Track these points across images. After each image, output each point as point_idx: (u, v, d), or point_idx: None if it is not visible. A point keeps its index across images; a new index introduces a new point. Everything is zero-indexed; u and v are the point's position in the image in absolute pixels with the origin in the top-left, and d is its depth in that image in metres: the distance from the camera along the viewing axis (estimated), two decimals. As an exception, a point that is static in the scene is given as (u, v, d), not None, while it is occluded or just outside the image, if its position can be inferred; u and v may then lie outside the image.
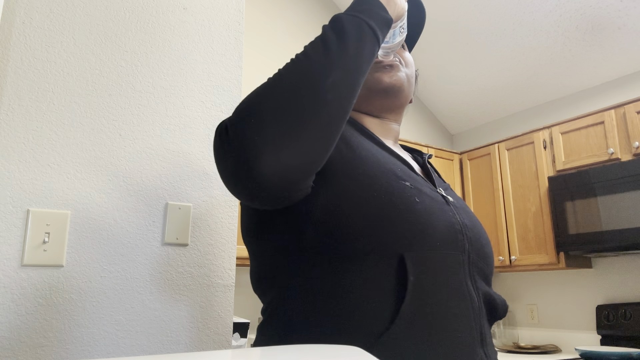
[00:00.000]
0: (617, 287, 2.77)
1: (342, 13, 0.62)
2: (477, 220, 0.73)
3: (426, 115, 3.82)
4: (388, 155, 0.69)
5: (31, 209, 0.93)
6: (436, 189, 0.70)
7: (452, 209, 0.68)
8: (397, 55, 0.79)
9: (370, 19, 0.61)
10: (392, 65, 0.77)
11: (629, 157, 2.52)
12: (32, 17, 1.00)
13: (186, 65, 1.18)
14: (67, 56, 1.02)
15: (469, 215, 0.71)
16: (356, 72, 0.57)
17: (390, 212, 0.59)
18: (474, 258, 0.66)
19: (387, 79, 0.76)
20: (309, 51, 0.56)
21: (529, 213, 2.91)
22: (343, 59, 0.56)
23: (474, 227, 0.70)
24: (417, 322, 0.57)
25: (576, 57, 2.96)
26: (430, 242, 0.60)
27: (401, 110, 0.83)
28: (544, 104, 3.35)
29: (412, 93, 0.84)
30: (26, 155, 0.95)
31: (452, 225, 0.65)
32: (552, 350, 2.79)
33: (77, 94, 1.02)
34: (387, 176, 0.63)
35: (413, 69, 0.83)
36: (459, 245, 0.64)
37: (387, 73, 0.76)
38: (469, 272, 0.65)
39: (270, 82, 0.55)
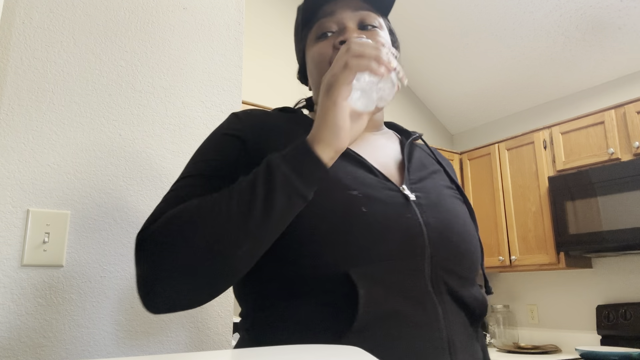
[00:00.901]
0: (617, 287, 2.77)
1: (282, 166, 0.54)
2: (453, 215, 0.68)
3: (426, 115, 3.82)
4: (340, 161, 0.64)
5: (31, 209, 0.93)
6: (398, 188, 0.66)
7: (414, 209, 0.64)
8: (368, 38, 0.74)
9: (307, 185, 0.55)
10: None
11: (629, 157, 2.52)
12: (32, 17, 0.99)
13: (186, 65, 1.18)
14: (67, 56, 1.02)
15: (439, 212, 0.66)
16: (272, 240, 0.56)
17: (333, 229, 0.58)
18: (439, 261, 0.62)
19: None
20: (233, 210, 0.54)
21: (529, 213, 2.91)
22: (263, 232, 0.54)
23: (443, 226, 0.65)
24: (370, 335, 0.55)
25: (576, 57, 2.96)
26: (380, 254, 0.58)
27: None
28: (544, 103, 3.35)
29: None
30: (26, 155, 0.95)
31: (409, 230, 0.61)
32: (552, 351, 2.79)
33: (77, 94, 1.02)
34: (332, 189, 0.60)
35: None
36: (417, 251, 0.61)
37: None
38: (432, 277, 0.62)
39: (187, 225, 0.55)
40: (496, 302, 3.35)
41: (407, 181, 0.69)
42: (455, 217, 0.68)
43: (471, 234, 0.69)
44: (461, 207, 0.72)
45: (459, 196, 0.75)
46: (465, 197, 0.76)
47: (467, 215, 0.72)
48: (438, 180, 0.74)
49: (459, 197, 0.75)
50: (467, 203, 0.76)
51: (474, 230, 0.71)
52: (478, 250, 0.70)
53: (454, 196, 0.73)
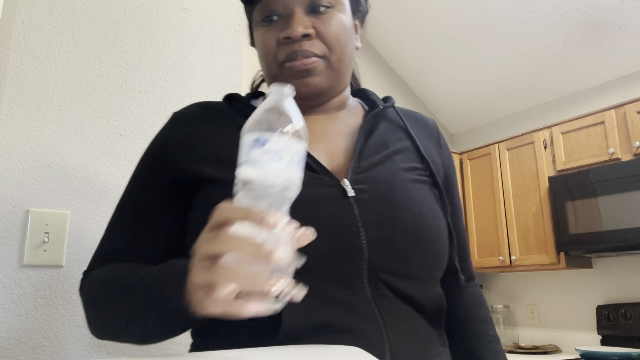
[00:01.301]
0: (617, 287, 2.76)
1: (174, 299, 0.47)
2: (404, 207, 0.60)
3: (426, 115, 3.82)
4: None
5: (31, 209, 0.93)
6: (338, 182, 0.60)
7: (351, 207, 0.58)
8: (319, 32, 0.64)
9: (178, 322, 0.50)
10: (307, 70, 0.64)
11: (630, 157, 2.52)
12: (31, 17, 0.99)
13: (186, 65, 1.18)
14: (66, 56, 1.02)
15: (384, 207, 0.60)
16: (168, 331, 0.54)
17: None
18: (380, 264, 0.57)
19: (303, 88, 0.64)
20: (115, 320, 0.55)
21: (529, 213, 2.91)
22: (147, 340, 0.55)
23: (386, 223, 0.58)
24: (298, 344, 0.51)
25: (576, 57, 2.96)
26: (306, 262, 0.49)
27: (339, 90, 0.70)
28: (544, 103, 3.35)
29: (352, 51, 0.70)
30: (26, 155, 0.94)
31: (342, 232, 0.56)
32: (552, 351, 2.79)
33: (77, 94, 1.02)
34: None
35: (341, 33, 0.66)
36: (352, 255, 0.55)
37: (301, 81, 0.64)
38: (372, 282, 0.56)
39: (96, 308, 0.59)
40: (496, 302, 3.35)
41: (353, 171, 0.62)
42: (407, 209, 0.61)
43: (428, 225, 0.61)
44: (421, 194, 0.64)
45: (424, 178, 0.67)
46: (435, 178, 0.68)
47: (428, 203, 0.64)
48: (398, 162, 0.66)
49: (423, 179, 0.67)
50: (436, 185, 0.68)
51: (434, 220, 0.63)
52: (440, 243, 0.63)
53: (416, 180, 0.66)
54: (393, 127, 0.73)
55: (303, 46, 0.63)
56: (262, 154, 0.42)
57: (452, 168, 0.79)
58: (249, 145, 0.42)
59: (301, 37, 0.63)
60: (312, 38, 0.64)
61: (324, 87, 0.66)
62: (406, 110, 0.80)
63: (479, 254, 3.15)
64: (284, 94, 0.45)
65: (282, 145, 0.42)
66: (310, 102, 0.68)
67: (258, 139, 0.42)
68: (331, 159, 0.65)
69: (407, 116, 0.77)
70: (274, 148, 0.42)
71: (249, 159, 0.42)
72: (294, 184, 0.44)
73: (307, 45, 0.63)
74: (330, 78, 0.66)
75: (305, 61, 0.63)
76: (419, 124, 0.77)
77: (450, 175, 0.77)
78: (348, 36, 0.68)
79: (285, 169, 0.42)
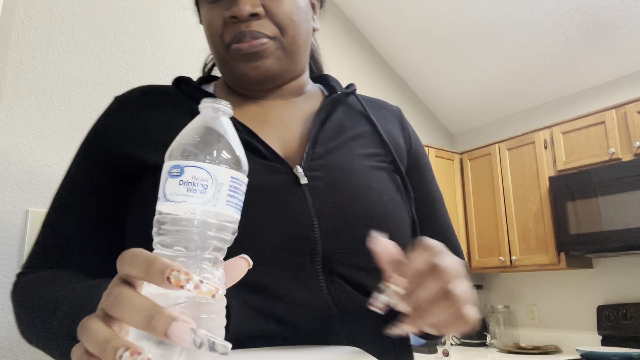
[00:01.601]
0: (618, 288, 2.76)
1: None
2: (361, 195, 0.57)
3: (426, 115, 3.82)
4: None
5: (31, 209, 0.93)
6: (291, 169, 0.56)
7: (304, 195, 0.54)
8: (268, 11, 0.59)
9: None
10: (256, 53, 0.59)
11: (630, 157, 2.52)
12: (31, 17, 0.99)
13: (186, 65, 1.17)
14: (66, 56, 1.02)
15: (340, 195, 0.56)
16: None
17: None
18: (336, 256, 0.53)
19: (252, 72, 0.60)
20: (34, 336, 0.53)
21: (529, 213, 2.91)
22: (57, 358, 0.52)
23: (342, 211, 0.55)
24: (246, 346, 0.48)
25: (577, 56, 2.96)
26: (254, 256, 0.45)
27: (294, 74, 0.66)
28: (545, 103, 3.35)
29: (308, 33, 0.65)
30: (26, 155, 0.94)
31: (294, 222, 0.52)
32: (552, 351, 2.79)
33: (77, 94, 1.02)
34: None
35: (294, 12, 0.61)
36: (304, 248, 0.52)
37: (250, 64, 0.60)
38: (327, 276, 0.53)
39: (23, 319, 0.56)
40: (496, 302, 3.35)
41: (307, 158, 0.58)
42: (364, 197, 0.57)
43: (387, 214, 0.58)
44: (380, 181, 0.60)
45: (385, 164, 0.63)
46: (397, 164, 0.64)
47: (388, 191, 0.60)
48: (356, 148, 0.62)
49: (383, 166, 0.63)
50: (399, 172, 0.64)
51: (395, 210, 0.59)
52: (400, 233, 0.58)
53: (375, 167, 0.62)
54: (352, 113, 0.68)
55: (251, 26, 0.58)
56: (179, 185, 0.33)
57: (421, 154, 0.73)
58: (165, 175, 0.34)
59: (249, 16, 0.58)
60: (262, 17, 0.59)
61: (276, 70, 0.61)
62: (369, 97, 0.75)
63: (479, 254, 3.15)
64: (217, 111, 0.37)
65: (207, 174, 0.34)
66: (262, 86, 0.64)
67: (176, 166, 0.34)
68: (284, 146, 0.60)
69: (368, 102, 0.72)
70: (195, 178, 0.33)
71: (165, 192, 0.34)
72: (225, 221, 0.35)
73: (255, 26, 0.58)
74: (282, 61, 0.62)
75: (254, 43, 0.58)
76: (381, 110, 0.72)
77: (420, 161, 0.72)
78: (303, 16, 0.63)
79: (209, 204, 0.33)
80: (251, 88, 0.65)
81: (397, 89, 3.64)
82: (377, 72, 3.55)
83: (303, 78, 0.69)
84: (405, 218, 0.61)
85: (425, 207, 0.69)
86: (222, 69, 0.65)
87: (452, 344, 3.20)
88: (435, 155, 3.21)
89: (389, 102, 0.77)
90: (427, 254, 0.43)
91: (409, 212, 0.62)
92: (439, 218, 0.72)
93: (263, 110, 0.65)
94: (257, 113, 0.64)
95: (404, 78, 3.70)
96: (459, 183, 3.31)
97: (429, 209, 0.70)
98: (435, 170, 3.76)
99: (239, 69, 0.61)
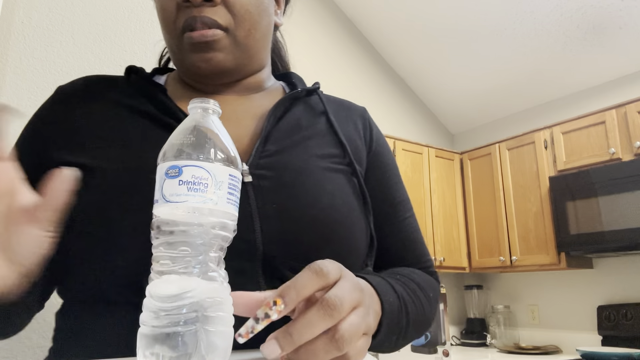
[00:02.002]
0: (618, 288, 2.76)
1: None
2: (311, 197, 0.53)
3: (426, 115, 3.82)
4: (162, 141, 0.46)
5: (30, 209, 0.93)
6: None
7: (246, 194, 0.51)
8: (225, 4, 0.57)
9: None
10: (207, 43, 0.56)
11: (630, 157, 2.51)
12: (31, 17, 0.99)
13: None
14: (66, 56, 1.02)
15: (287, 197, 0.52)
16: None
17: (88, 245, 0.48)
18: (275, 259, 0.50)
19: (203, 64, 0.57)
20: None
21: (529, 213, 2.91)
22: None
23: (288, 214, 0.51)
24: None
25: (577, 56, 2.96)
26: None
27: (250, 70, 0.63)
28: (545, 103, 3.35)
29: (267, 28, 0.62)
30: (25, 155, 0.94)
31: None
32: (553, 351, 2.79)
33: (77, 94, 1.02)
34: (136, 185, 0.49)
35: (252, 4, 0.58)
36: (244, 250, 0.49)
37: (201, 56, 0.57)
38: (266, 280, 0.50)
39: None
40: (497, 302, 3.35)
41: (255, 155, 0.55)
42: (314, 199, 0.53)
43: (338, 219, 0.54)
44: (335, 184, 0.57)
45: (342, 167, 0.60)
46: (354, 167, 0.61)
47: (342, 195, 0.57)
48: (312, 148, 0.59)
49: (340, 168, 0.60)
50: (356, 175, 0.61)
51: (348, 215, 0.56)
52: (352, 240, 0.56)
53: (331, 169, 0.59)
54: (312, 112, 0.64)
55: (203, 11, 0.55)
56: (179, 185, 0.33)
57: (384, 154, 0.69)
58: (161, 177, 0.34)
59: (202, 1, 0.55)
60: (217, 4, 0.56)
61: (228, 65, 0.58)
62: (334, 98, 0.72)
63: (480, 254, 3.14)
64: (207, 110, 0.37)
65: (206, 173, 0.34)
66: (214, 80, 0.61)
67: (174, 166, 0.34)
68: (235, 142, 0.57)
69: (332, 102, 0.69)
70: (195, 177, 0.33)
71: (163, 194, 0.33)
72: (226, 219, 0.35)
73: (209, 12, 0.55)
74: (236, 56, 0.58)
75: (205, 32, 0.55)
76: (344, 110, 0.69)
77: (382, 161, 0.68)
78: (262, 9, 0.60)
79: (211, 202, 0.33)
80: (204, 81, 0.62)
81: (397, 89, 3.64)
82: (377, 72, 3.54)
83: (262, 74, 0.66)
84: (361, 224, 0.58)
85: (388, 209, 0.66)
86: (174, 59, 0.62)
87: (452, 344, 3.20)
88: (435, 155, 3.21)
89: (389, 102, 0.74)
90: (316, 280, 0.37)
91: (365, 218, 0.59)
92: (402, 221, 0.67)
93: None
94: None
95: (404, 78, 3.69)
96: (459, 183, 3.31)
97: (392, 210, 0.66)
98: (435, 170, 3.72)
99: (190, 60, 0.58)
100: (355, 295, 0.39)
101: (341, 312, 0.36)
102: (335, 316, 0.36)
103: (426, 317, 0.58)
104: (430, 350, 2.70)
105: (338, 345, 0.36)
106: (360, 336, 0.39)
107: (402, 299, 0.51)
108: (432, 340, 2.71)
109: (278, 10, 0.67)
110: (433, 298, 0.61)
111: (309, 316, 0.35)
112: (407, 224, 0.68)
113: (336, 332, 0.36)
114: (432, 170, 3.14)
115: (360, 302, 0.40)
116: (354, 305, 0.38)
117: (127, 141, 0.54)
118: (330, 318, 0.36)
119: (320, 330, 0.36)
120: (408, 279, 0.58)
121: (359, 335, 0.38)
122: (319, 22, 3.33)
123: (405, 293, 0.53)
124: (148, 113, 0.57)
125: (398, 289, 0.52)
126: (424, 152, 3.14)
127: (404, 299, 0.52)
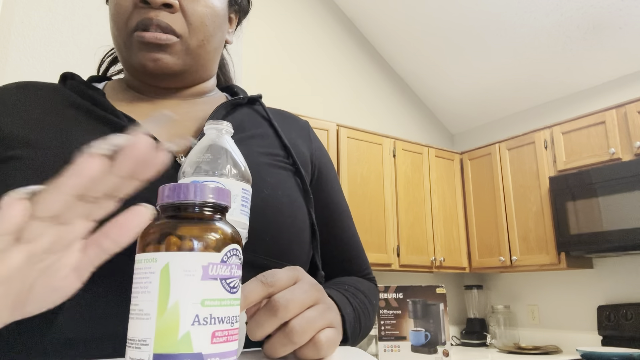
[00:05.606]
0: (618, 288, 2.76)
1: None
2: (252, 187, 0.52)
3: (426, 115, 3.82)
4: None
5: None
6: (174, 158, 0.54)
7: None
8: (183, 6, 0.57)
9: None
10: (160, 45, 0.56)
11: (630, 157, 2.51)
12: (30, 17, 0.99)
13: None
14: (66, 56, 1.02)
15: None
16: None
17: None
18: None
19: (151, 64, 0.57)
20: None
21: (529, 213, 2.91)
22: None
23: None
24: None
25: (577, 56, 2.96)
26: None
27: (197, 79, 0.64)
28: (545, 103, 3.35)
29: (219, 42, 0.63)
30: (25, 155, 0.94)
31: None
32: (553, 351, 2.79)
33: (77, 94, 1.02)
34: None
35: (208, 17, 0.59)
36: None
37: (150, 55, 0.56)
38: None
39: None
40: (497, 302, 3.35)
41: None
42: (256, 190, 0.54)
43: (280, 209, 0.55)
44: (277, 178, 0.58)
45: (285, 165, 0.61)
46: (298, 166, 0.62)
47: (284, 188, 0.58)
48: (254, 146, 0.60)
49: (283, 165, 0.61)
50: (299, 174, 0.62)
51: (290, 206, 0.57)
52: (293, 230, 0.57)
53: (274, 165, 0.60)
54: (255, 117, 0.65)
55: (160, 15, 0.55)
56: None
57: (327, 167, 0.71)
58: None
59: (161, 4, 0.55)
60: (175, 11, 0.56)
61: (176, 69, 0.58)
62: (277, 109, 0.73)
63: (480, 254, 3.15)
64: (221, 131, 0.41)
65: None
66: (159, 82, 0.61)
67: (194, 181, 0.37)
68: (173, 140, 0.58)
69: (275, 112, 0.71)
70: None
71: None
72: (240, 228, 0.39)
73: (166, 17, 0.56)
74: (185, 62, 0.59)
75: (159, 36, 0.55)
76: (287, 120, 0.70)
77: (325, 173, 0.70)
78: (217, 24, 0.61)
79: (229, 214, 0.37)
80: (149, 82, 0.62)
81: (397, 89, 3.64)
82: (377, 72, 3.54)
83: (207, 84, 0.67)
84: (303, 217, 0.59)
85: (331, 214, 0.68)
86: (121, 57, 0.61)
87: (452, 344, 3.20)
88: (435, 155, 3.21)
89: (389, 102, 0.75)
90: (262, 288, 0.40)
91: (307, 212, 0.60)
92: (343, 227, 0.70)
93: (155, 107, 0.62)
94: (148, 109, 0.61)
95: (404, 78, 3.70)
96: (459, 183, 3.31)
97: (336, 216, 0.68)
98: (435, 170, 3.72)
99: (138, 58, 0.57)
100: (311, 294, 0.42)
101: (287, 311, 0.40)
102: (280, 316, 0.39)
103: (371, 323, 0.64)
104: (430, 350, 2.70)
105: (290, 339, 0.40)
106: (316, 329, 0.42)
107: (356, 310, 0.56)
108: (432, 340, 2.71)
109: (230, 29, 0.69)
110: (375, 304, 0.67)
111: (257, 317, 0.40)
112: (351, 234, 0.71)
113: (287, 327, 0.40)
114: (432, 170, 3.14)
115: (318, 300, 0.43)
116: (308, 304, 0.42)
117: (62, 129, 0.54)
118: (275, 317, 0.39)
119: (269, 328, 0.40)
120: (356, 289, 0.62)
121: (314, 328, 0.41)
122: (319, 22, 3.33)
123: (357, 304, 0.58)
124: (84, 107, 0.56)
125: (353, 302, 0.56)
126: (424, 152, 3.15)
127: (358, 311, 0.57)
